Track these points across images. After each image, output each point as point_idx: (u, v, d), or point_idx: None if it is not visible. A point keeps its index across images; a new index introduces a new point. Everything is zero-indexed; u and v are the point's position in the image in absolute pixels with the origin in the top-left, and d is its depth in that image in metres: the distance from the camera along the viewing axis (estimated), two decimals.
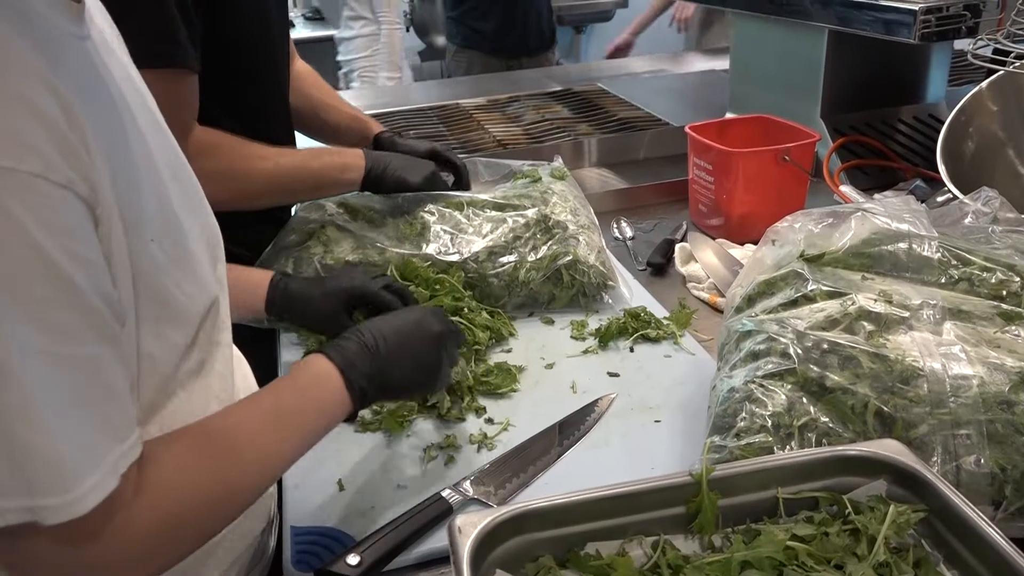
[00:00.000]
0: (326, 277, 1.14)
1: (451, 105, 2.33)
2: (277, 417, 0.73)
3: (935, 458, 0.77)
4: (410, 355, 0.84)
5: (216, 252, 0.80)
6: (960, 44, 1.61)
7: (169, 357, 0.68)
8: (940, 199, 1.30)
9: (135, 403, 0.61)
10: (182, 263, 0.68)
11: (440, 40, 3.99)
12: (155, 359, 0.66)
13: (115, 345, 0.57)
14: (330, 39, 4.81)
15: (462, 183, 1.42)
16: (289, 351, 1.19)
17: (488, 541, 0.68)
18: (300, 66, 1.57)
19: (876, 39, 1.48)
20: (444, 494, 0.88)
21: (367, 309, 1.10)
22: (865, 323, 0.86)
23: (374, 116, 1.94)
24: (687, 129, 1.50)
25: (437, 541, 0.83)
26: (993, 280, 0.89)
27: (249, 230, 1.32)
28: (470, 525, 0.67)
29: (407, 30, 4.84)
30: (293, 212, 1.41)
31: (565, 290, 1.26)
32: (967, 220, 1.00)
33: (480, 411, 1.04)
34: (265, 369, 1.17)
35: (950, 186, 1.21)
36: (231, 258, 1.25)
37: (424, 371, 0.86)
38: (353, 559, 0.78)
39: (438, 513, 0.85)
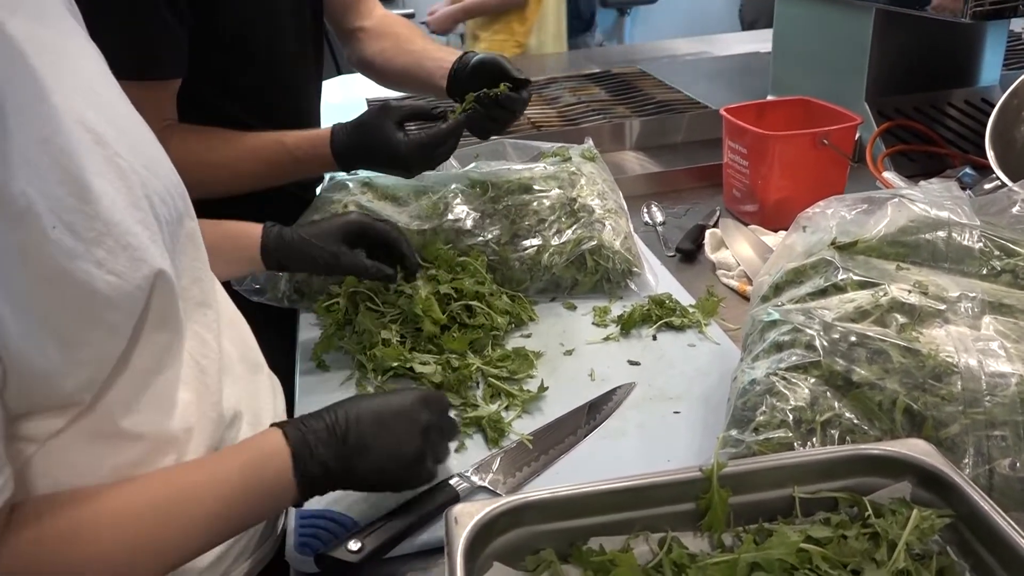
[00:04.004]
0: (322, 220, 1.12)
1: None
2: (207, 491, 0.68)
3: (966, 460, 0.72)
4: (384, 446, 0.75)
5: (171, 209, 0.72)
6: (1017, 24, 1.53)
7: (112, 342, 0.64)
8: (988, 186, 1.23)
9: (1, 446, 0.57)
10: (103, 239, 0.61)
11: None
12: (96, 347, 0.62)
13: None
14: None
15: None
16: (307, 331, 1.19)
17: (486, 532, 0.65)
18: (381, 13, 1.50)
19: (926, 18, 1.40)
20: (452, 482, 0.86)
21: (368, 244, 1.10)
22: (897, 315, 0.81)
23: (409, 97, 1.94)
24: (722, 111, 1.45)
25: (441, 529, 0.80)
26: None
27: (271, 209, 1.32)
28: (467, 515, 0.65)
29: None
30: (318, 192, 1.40)
31: (589, 275, 1.23)
32: (1015, 209, 0.94)
33: (494, 397, 1.01)
34: (283, 350, 1.16)
35: (998, 172, 1.15)
36: None
37: (398, 465, 0.76)
38: (354, 545, 0.77)
39: (444, 501, 0.83)
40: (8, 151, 0.55)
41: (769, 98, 1.83)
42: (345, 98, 2.20)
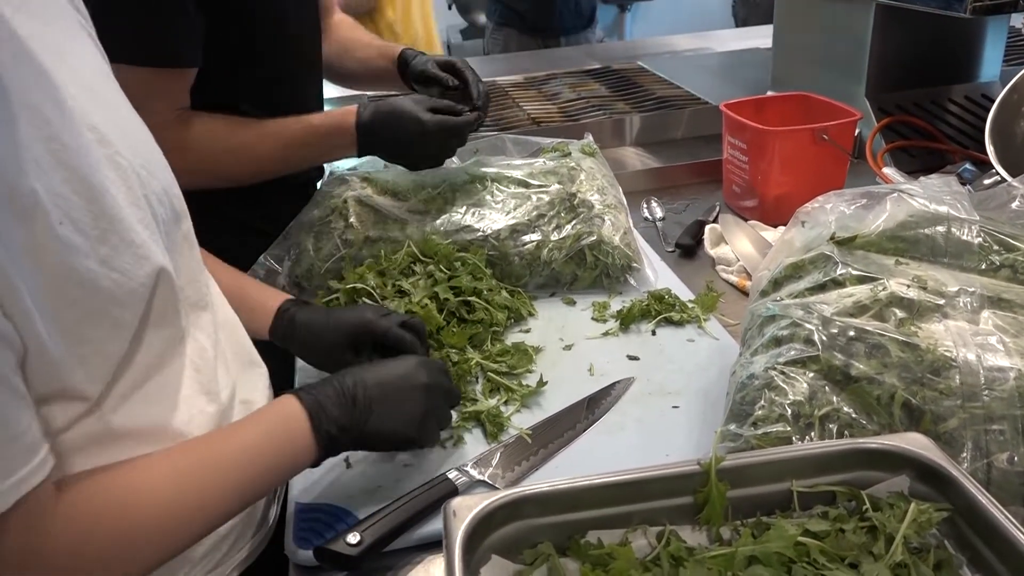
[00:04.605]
0: (335, 310, 1.04)
1: (487, 83, 2.28)
2: (235, 458, 0.72)
3: (964, 454, 0.72)
4: (390, 406, 0.80)
5: (167, 209, 0.73)
6: (1017, 20, 1.52)
7: (116, 339, 0.64)
8: (987, 182, 1.23)
9: (32, 426, 0.58)
10: (108, 236, 0.62)
11: (482, 18, 3.97)
12: (99, 344, 0.62)
13: None
14: None
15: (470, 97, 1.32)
16: None
17: (484, 525, 0.65)
18: (337, 18, 1.55)
19: (926, 13, 1.40)
20: (450, 475, 0.86)
21: (377, 347, 0.98)
22: (896, 310, 0.81)
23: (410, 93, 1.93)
24: (722, 107, 1.45)
25: (439, 523, 0.80)
26: None
27: (274, 206, 1.32)
28: (465, 508, 0.65)
29: (449, 8, 4.83)
30: (319, 186, 1.40)
31: (588, 271, 1.23)
32: (1014, 204, 0.94)
33: (493, 392, 1.01)
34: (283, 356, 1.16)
35: (998, 167, 1.15)
36: (257, 233, 1.26)
37: (404, 423, 0.81)
38: (353, 538, 0.77)
39: (442, 494, 0.83)
40: (18, 148, 0.56)
41: (769, 94, 1.83)
42: (343, 91, 2.19)
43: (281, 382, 0.97)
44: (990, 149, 1.20)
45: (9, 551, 0.58)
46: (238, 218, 1.31)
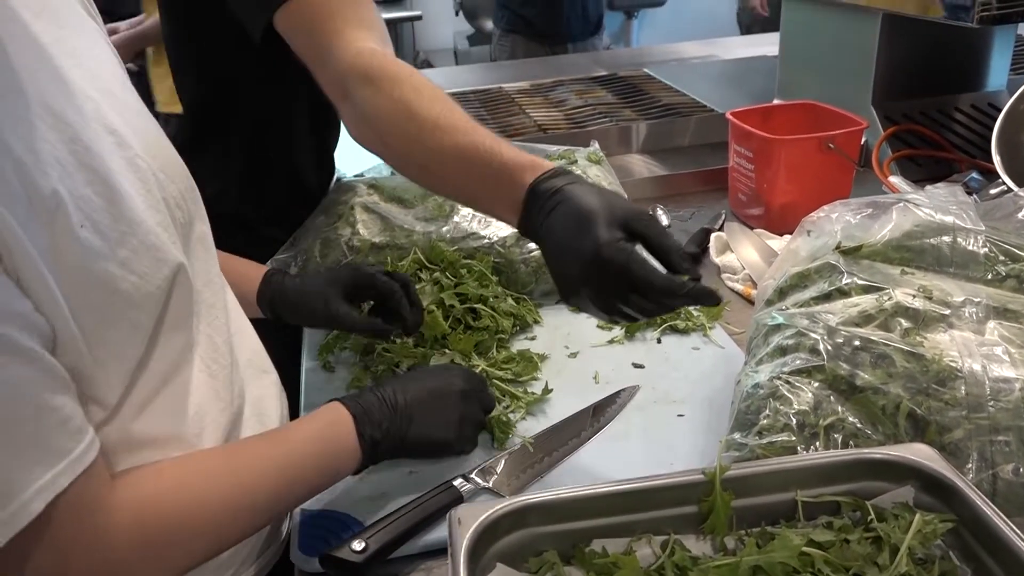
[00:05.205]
0: (320, 271, 1.08)
1: (494, 89, 2.30)
2: (285, 456, 0.74)
3: (970, 465, 0.72)
4: (429, 412, 0.85)
5: (184, 212, 0.73)
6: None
7: (132, 342, 0.64)
8: (994, 191, 1.23)
9: (77, 410, 0.58)
10: (127, 239, 0.62)
11: (489, 24, 3.98)
12: (117, 345, 0.62)
13: (33, 361, 0.54)
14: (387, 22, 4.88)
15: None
16: (313, 332, 1.19)
17: (489, 533, 0.66)
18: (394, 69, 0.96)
19: (933, 22, 1.40)
20: (455, 483, 0.86)
21: (371, 299, 1.06)
22: (902, 320, 0.81)
23: None
24: (728, 115, 1.45)
25: (445, 530, 0.81)
26: None
27: (282, 210, 1.33)
28: (470, 516, 0.65)
29: (456, 14, 4.85)
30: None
31: None
32: (1021, 214, 0.94)
33: (498, 399, 1.02)
34: (288, 350, 1.17)
35: (1005, 178, 1.15)
36: (268, 241, 1.26)
37: (443, 428, 0.87)
38: (358, 545, 0.77)
39: (447, 502, 0.83)
40: (41, 150, 0.56)
41: (775, 102, 1.83)
42: None
43: (287, 390, 0.98)
44: (997, 159, 1.20)
45: (71, 537, 0.58)
46: (246, 222, 1.31)
